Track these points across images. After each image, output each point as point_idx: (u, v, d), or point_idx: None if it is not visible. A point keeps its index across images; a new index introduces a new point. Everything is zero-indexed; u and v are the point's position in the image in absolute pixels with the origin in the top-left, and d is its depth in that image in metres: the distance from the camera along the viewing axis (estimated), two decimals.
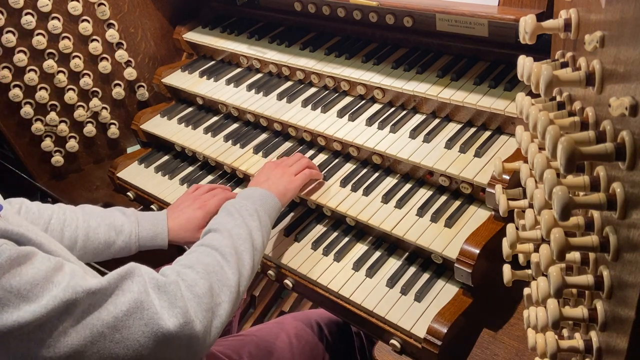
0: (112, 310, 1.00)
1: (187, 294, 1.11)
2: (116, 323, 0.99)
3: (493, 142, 1.53)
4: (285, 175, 1.56)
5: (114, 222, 1.56)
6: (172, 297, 1.08)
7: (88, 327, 0.96)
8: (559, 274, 0.78)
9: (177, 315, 1.06)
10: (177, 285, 1.10)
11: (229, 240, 1.29)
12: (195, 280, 1.14)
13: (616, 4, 0.70)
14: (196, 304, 1.11)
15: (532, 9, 1.39)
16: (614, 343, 0.74)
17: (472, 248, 1.32)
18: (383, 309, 1.41)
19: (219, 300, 1.17)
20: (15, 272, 0.91)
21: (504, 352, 1.33)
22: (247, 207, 1.40)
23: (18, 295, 0.90)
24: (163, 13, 2.29)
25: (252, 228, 1.36)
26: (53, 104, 2.19)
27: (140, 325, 1.01)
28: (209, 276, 1.17)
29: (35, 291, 0.92)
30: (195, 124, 2.07)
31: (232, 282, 1.21)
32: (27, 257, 0.94)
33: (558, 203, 0.69)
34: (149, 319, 1.03)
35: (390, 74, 1.72)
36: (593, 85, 0.76)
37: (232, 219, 1.36)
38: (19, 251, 0.93)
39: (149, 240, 1.58)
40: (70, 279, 0.96)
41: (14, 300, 0.89)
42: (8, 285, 0.89)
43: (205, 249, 1.27)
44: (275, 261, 1.61)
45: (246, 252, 1.30)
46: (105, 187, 2.27)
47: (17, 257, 0.92)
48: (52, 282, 0.94)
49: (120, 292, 1.02)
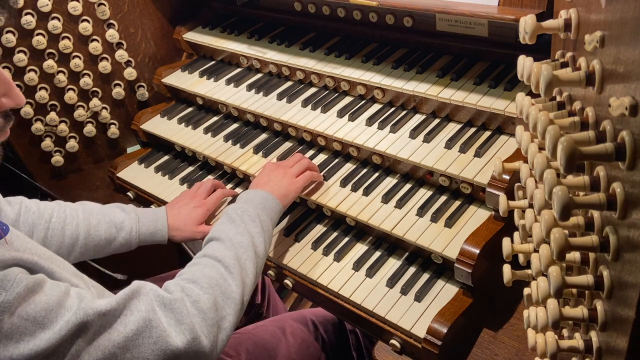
0: (121, 330, 1.02)
1: (192, 310, 1.12)
2: (126, 343, 1.01)
3: (493, 142, 1.53)
4: (287, 177, 1.56)
5: (114, 219, 1.57)
6: (178, 315, 1.09)
7: (100, 349, 0.98)
8: (559, 274, 0.78)
9: (184, 332, 1.08)
10: (182, 302, 1.12)
11: (231, 251, 1.28)
12: (199, 296, 1.15)
13: (616, 4, 0.70)
14: (201, 320, 1.12)
15: (532, 9, 1.38)
16: (614, 343, 0.74)
17: (472, 248, 1.32)
18: (383, 309, 1.41)
19: (224, 314, 1.18)
20: (31, 300, 0.93)
21: (504, 352, 1.33)
22: (248, 212, 1.39)
23: (34, 322, 0.92)
24: (163, 13, 2.29)
25: (254, 235, 1.35)
26: (53, 104, 2.19)
27: (149, 344, 1.04)
28: (213, 290, 1.18)
29: (50, 317, 0.94)
30: (195, 124, 2.07)
31: (236, 294, 1.22)
32: (39, 285, 0.96)
33: (558, 203, 0.69)
34: (158, 337, 1.05)
35: (390, 74, 1.72)
36: (593, 85, 0.76)
37: (234, 226, 1.35)
38: (34, 280, 0.95)
39: (149, 236, 1.60)
40: (80, 302, 0.98)
41: (31, 328, 0.91)
42: (25, 313, 0.91)
43: (208, 260, 1.26)
44: (275, 261, 1.61)
45: (249, 260, 1.30)
46: (105, 187, 2.27)
47: (33, 286, 0.94)
48: (64, 307, 0.96)
49: (128, 312, 1.04)
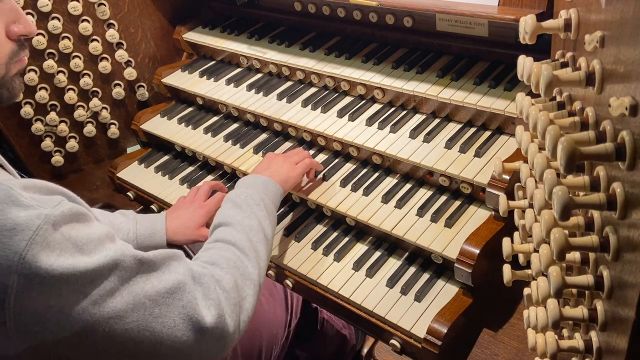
0: (156, 284, 1.04)
1: (217, 288, 1.13)
2: (157, 298, 1.03)
3: (493, 142, 1.53)
4: (287, 164, 1.56)
5: (112, 221, 1.57)
6: (206, 290, 1.11)
7: (132, 294, 1.00)
8: (559, 274, 0.78)
9: (209, 307, 1.09)
10: (210, 278, 1.13)
11: (243, 234, 1.29)
12: (221, 276, 1.16)
13: (616, 4, 0.70)
14: (225, 299, 1.13)
15: (532, 9, 1.38)
16: (614, 343, 0.74)
17: (472, 248, 1.32)
18: (383, 308, 1.41)
19: (244, 294, 1.19)
20: (75, 226, 0.96)
21: (504, 352, 1.33)
22: (252, 197, 1.40)
23: (75, 245, 0.94)
24: (163, 13, 2.29)
25: (261, 218, 1.36)
26: (53, 104, 2.19)
27: (178, 307, 1.05)
28: (232, 271, 1.19)
29: (90, 247, 0.96)
30: (195, 124, 2.07)
31: (254, 275, 1.23)
32: (84, 218, 0.99)
33: (558, 203, 0.69)
34: (188, 301, 1.06)
35: (390, 74, 1.72)
36: (593, 85, 0.76)
37: (240, 210, 1.36)
38: (78, 209, 0.98)
39: (147, 238, 1.59)
40: (120, 246, 1.02)
41: (71, 249, 0.93)
42: (67, 234, 0.94)
43: (222, 244, 1.27)
44: (275, 261, 1.61)
45: (260, 242, 1.31)
46: (105, 187, 2.27)
47: (77, 214, 0.97)
48: (103, 246, 0.99)
49: (166, 270, 1.07)
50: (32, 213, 0.90)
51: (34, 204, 0.91)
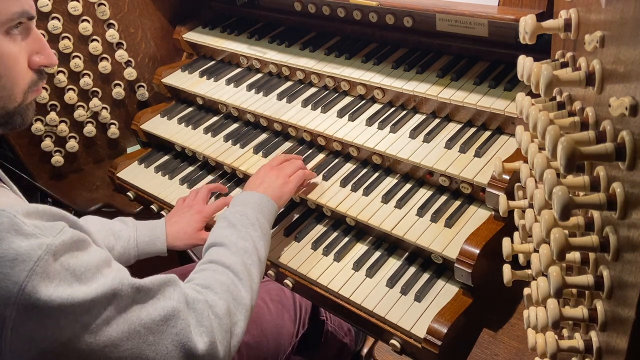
0: (151, 312, 1.04)
1: (210, 314, 1.13)
2: (152, 325, 1.03)
3: (493, 142, 1.53)
4: (280, 178, 1.56)
5: (112, 228, 1.57)
6: (199, 316, 1.11)
7: (127, 323, 1.00)
8: (559, 274, 0.78)
9: (202, 334, 1.09)
10: (204, 304, 1.13)
11: (237, 257, 1.29)
12: (214, 301, 1.16)
13: (616, 4, 0.70)
14: (218, 325, 1.13)
15: (532, 9, 1.39)
16: (614, 343, 0.74)
17: (472, 248, 1.32)
18: (383, 309, 1.41)
19: (236, 319, 1.19)
20: (75, 254, 0.96)
21: (504, 352, 1.33)
22: (248, 216, 1.40)
23: (73, 274, 0.94)
24: (163, 13, 2.29)
25: (255, 239, 1.36)
26: (53, 104, 2.18)
27: (172, 334, 1.05)
28: (226, 296, 1.19)
29: (88, 275, 0.96)
30: (195, 124, 2.07)
31: (246, 299, 1.23)
32: (84, 243, 1.00)
33: (558, 203, 0.69)
34: (181, 329, 1.06)
35: (390, 74, 1.72)
36: (593, 85, 0.76)
37: (235, 230, 1.36)
38: (79, 236, 0.99)
39: (148, 245, 1.59)
40: (117, 273, 1.02)
41: (69, 278, 0.94)
42: (67, 263, 0.94)
43: (216, 266, 1.27)
44: (275, 261, 1.61)
45: (254, 266, 1.31)
46: (105, 187, 2.27)
47: (77, 241, 0.98)
48: (101, 273, 0.99)
49: (161, 296, 1.07)
50: (34, 243, 0.90)
51: (36, 232, 0.92)
